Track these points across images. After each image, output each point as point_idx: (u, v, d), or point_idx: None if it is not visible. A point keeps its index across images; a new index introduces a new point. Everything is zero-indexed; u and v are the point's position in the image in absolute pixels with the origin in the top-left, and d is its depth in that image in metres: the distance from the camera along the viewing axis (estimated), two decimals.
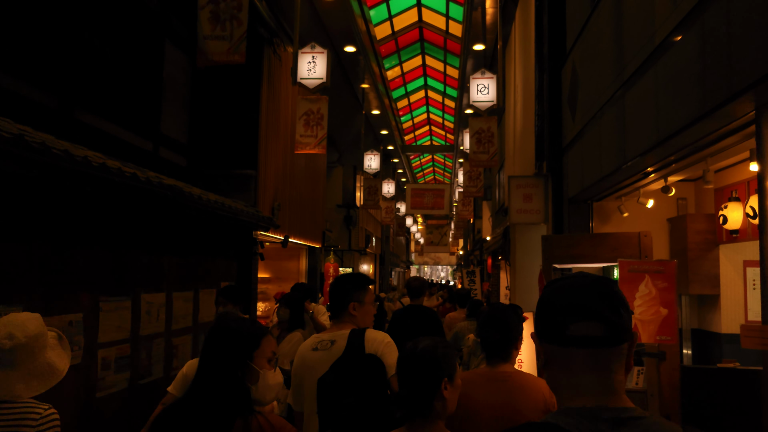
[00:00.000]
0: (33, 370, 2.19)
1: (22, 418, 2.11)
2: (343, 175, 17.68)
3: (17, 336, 2.14)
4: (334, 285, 2.85)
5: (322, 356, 2.59)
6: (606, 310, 1.17)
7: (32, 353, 2.18)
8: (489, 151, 9.25)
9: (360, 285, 2.82)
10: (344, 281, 2.84)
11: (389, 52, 15.66)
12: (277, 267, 12.07)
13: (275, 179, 8.76)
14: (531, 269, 10.30)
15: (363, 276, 2.97)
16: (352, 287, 2.80)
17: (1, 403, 2.13)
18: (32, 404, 2.17)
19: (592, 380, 1.17)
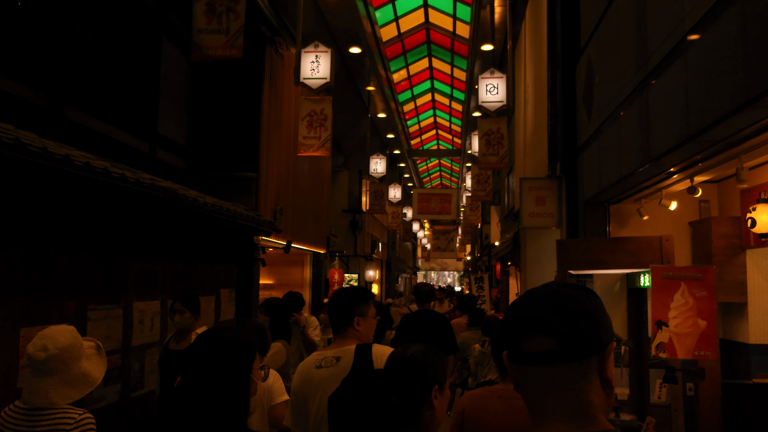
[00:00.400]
0: (67, 379, 2.33)
1: (57, 423, 2.27)
2: (349, 179, 17.40)
3: (50, 348, 2.28)
4: (336, 299, 2.73)
5: (329, 374, 2.47)
6: (558, 321, 1.05)
7: (66, 363, 2.33)
8: (498, 153, 8.94)
9: (363, 298, 2.72)
10: (347, 294, 2.73)
11: (395, 54, 15.40)
12: (280, 273, 11.79)
13: (277, 182, 8.48)
14: (542, 276, 9.98)
15: (365, 289, 2.88)
16: (355, 301, 2.68)
17: (38, 410, 2.29)
18: (68, 410, 2.33)
19: (555, 402, 1.06)
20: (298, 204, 9.82)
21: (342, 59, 12.20)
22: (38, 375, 2.31)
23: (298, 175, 9.80)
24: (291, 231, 9.14)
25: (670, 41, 3.66)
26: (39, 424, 2.28)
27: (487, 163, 8.97)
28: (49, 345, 2.30)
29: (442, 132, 24.52)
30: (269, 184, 8.09)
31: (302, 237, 10.08)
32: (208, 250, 6.53)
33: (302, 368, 2.61)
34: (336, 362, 2.49)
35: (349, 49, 11.74)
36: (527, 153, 8.89)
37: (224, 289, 6.97)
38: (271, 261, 11.87)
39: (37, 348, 2.30)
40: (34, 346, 2.31)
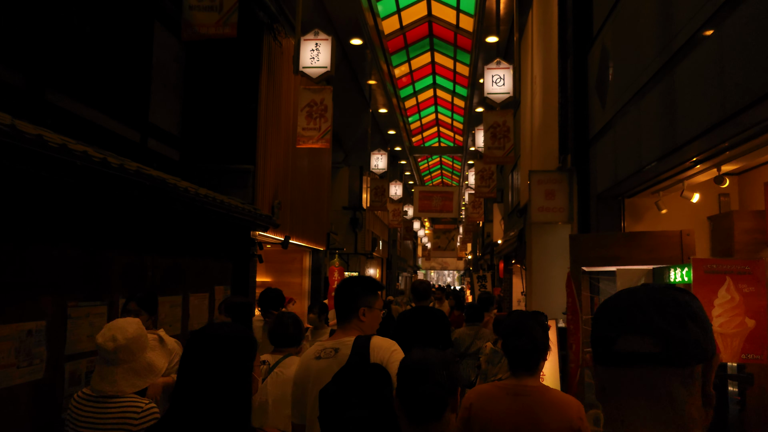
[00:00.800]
0: (134, 368, 2.41)
1: (126, 410, 2.35)
2: (349, 176, 17.10)
3: (119, 338, 2.37)
4: (342, 288, 2.63)
5: (326, 365, 2.41)
6: (663, 321, 0.97)
7: (132, 353, 2.41)
8: (505, 146, 8.63)
9: (372, 289, 2.63)
10: (354, 284, 2.62)
11: (397, 48, 15.09)
12: (278, 270, 11.49)
13: (276, 176, 8.17)
14: (549, 273, 9.66)
15: (374, 280, 2.73)
16: (363, 291, 2.59)
17: (107, 397, 2.38)
18: (135, 399, 2.41)
19: (647, 411, 0.96)
20: (297, 199, 9.51)
21: (343, 51, 11.89)
22: (107, 364, 2.39)
23: (298, 169, 9.49)
24: (289, 226, 8.83)
25: (701, 15, 3.34)
26: (108, 410, 2.37)
27: (493, 157, 8.66)
28: (118, 335, 2.40)
29: (444, 129, 24.21)
30: (267, 177, 7.78)
31: (301, 233, 9.78)
32: (202, 245, 6.22)
33: (303, 359, 2.55)
34: (335, 354, 2.42)
35: (350, 40, 11.43)
36: (534, 146, 8.58)
37: (219, 286, 6.66)
38: (269, 258, 11.56)
39: (106, 338, 2.38)
40: (103, 337, 2.39)
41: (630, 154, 4.88)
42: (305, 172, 10.12)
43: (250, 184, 7.35)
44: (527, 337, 2.43)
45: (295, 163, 9.29)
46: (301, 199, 9.73)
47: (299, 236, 9.62)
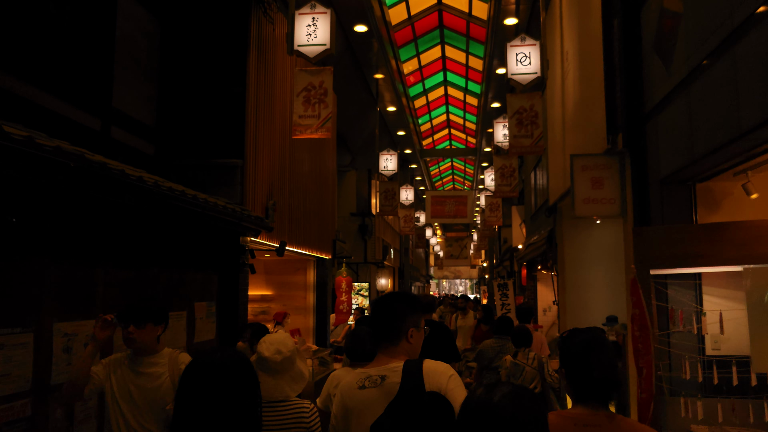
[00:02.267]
0: (293, 376, 2.71)
1: (297, 412, 2.68)
2: (357, 179, 16.02)
3: (283, 351, 2.67)
4: (385, 306, 2.32)
5: (373, 395, 2.16)
6: None
7: (292, 363, 2.71)
8: (533, 133, 7.50)
9: (418, 307, 2.36)
10: (399, 301, 2.33)
11: (405, 40, 14.02)
12: (280, 282, 10.39)
13: (270, 172, 7.08)
14: (585, 279, 8.49)
15: (414, 295, 2.60)
16: (410, 309, 2.31)
17: (278, 402, 2.66)
18: (300, 401, 2.73)
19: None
20: (298, 201, 8.41)
21: (346, 39, 10.84)
22: (273, 374, 2.65)
23: (297, 167, 8.40)
24: (288, 231, 7.73)
25: None
26: (284, 413, 2.66)
27: (520, 147, 7.54)
28: (282, 349, 2.67)
29: (456, 131, 23.10)
30: (259, 173, 6.69)
31: (302, 240, 8.67)
32: (177, 254, 5.12)
33: (343, 389, 2.30)
34: (381, 382, 2.18)
35: (354, 27, 10.37)
36: (568, 133, 7.46)
37: (200, 302, 5.56)
38: (270, 269, 10.47)
39: (271, 352, 2.65)
40: (269, 351, 2.64)
41: (716, 121, 3.74)
42: (306, 172, 9.03)
43: (238, 182, 6.26)
44: (600, 363, 2.05)
45: (294, 160, 8.20)
46: (302, 201, 8.63)
47: (300, 243, 8.52)
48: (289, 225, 7.89)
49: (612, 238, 8.44)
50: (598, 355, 2.05)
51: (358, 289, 14.65)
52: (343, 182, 15.77)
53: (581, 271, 8.50)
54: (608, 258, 8.46)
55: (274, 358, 2.65)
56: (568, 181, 7.53)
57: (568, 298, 8.56)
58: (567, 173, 7.55)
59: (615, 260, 8.48)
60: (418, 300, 2.39)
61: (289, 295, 10.35)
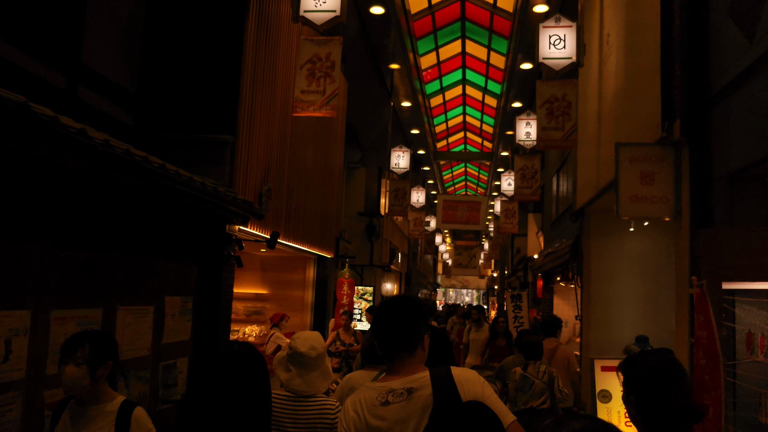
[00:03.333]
0: (323, 372, 2.76)
1: (323, 409, 2.68)
2: (366, 177, 15.22)
3: (317, 347, 2.72)
4: (394, 313, 2.07)
5: (402, 410, 1.97)
6: None
7: (323, 359, 2.77)
8: (564, 126, 6.67)
9: (425, 311, 2.16)
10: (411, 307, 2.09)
11: (424, 32, 13.22)
12: (277, 281, 9.60)
13: (266, 154, 6.28)
14: (614, 295, 7.63)
15: (417, 298, 2.32)
16: (421, 315, 2.11)
17: (304, 397, 2.68)
18: (326, 399, 2.74)
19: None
20: (299, 191, 7.62)
21: (360, 22, 10.05)
22: (307, 369, 2.68)
23: (299, 152, 7.60)
24: (284, 223, 6.93)
25: None
26: (309, 408, 2.67)
27: (548, 141, 6.70)
28: (317, 345, 2.72)
29: (472, 135, 22.26)
30: (253, 153, 5.90)
31: (302, 235, 7.87)
32: (147, 238, 4.32)
33: (361, 407, 2.04)
34: (408, 395, 1.99)
35: (370, 8, 9.58)
36: (605, 126, 6.62)
37: (173, 296, 4.75)
38: (266, 265, 9.68)
39: (307, 348, 2.68)
40: (304, 346, 2.68)
41: None
42: (310, 161, 8.24)
43: (228, 161, 5.46)
44: (684, 393, 1.83)
45: (296, 145, 7.40)
46: (303, 191, 7.84)
47: (299, 238, 7.72)
48: (286, 216, 7.09)
49: (645, 247, 7.58)
50: (676, 381, 1.85)
51: (361, 292, 13.82)
52: (351, 179, 14.98)
53: (609, 284, 7.65)
54: (640, 270, 7.59)
55: (309, 354, 2.69)
56: (601, 181, 6.68)
57: (594, 314, 7.70)
58: (601, 172, 6.70)
59: (647, 273, 7.61)
60: (422, 304, 2.19)
61: (285, 294, 9.55)
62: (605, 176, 6.52)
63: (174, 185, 3.79)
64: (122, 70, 5.32)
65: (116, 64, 5.22)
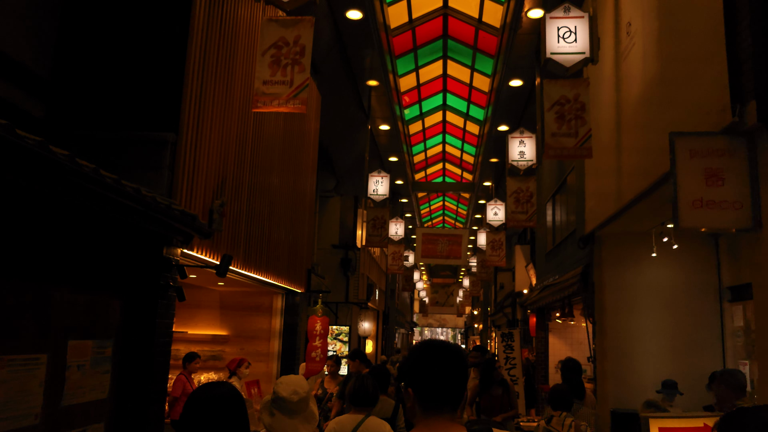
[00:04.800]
0: (306, 417, 2.77)
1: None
2: (341, 207, 14.06)
3: (300, 392, 2.76)
4: (445, 360, 1.74)
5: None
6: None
7: (306, 404, 2.79)
8: (577, 131, 5.64)
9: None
10: (460, 355, 1.78)
11: (404, 49, 12.32)
12: (239, 320, 8.31)
13: (220, 160, 5.11)
14: (634, 332, 6.53)
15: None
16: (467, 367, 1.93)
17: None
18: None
19: None
20: (263, 213, 6.43)
21: (335, 28, 9.05)
22: (289, 414, 2.72)
23: (264, 165, 6.44)
24: (243, 248, 5.72)
25: None
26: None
27: (559, 149, 5.66)
28: (299, 389, 2.74)
29: (451, 167, 21.36)
30: (202, 157, 4.72)
31: (267, 264, 6.65)
32: (38, 260, 3.09)
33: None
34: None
35: (346, 12, 8.58)
36: (628, 130, 5.60)
37: (80, 340, 3.48)
38: (226, 303, 8.39)
39: (288, 393, 2.70)
40: (286, 391, 2.71)
41: None
42: (277, 180, 7.08)
43: (167, 165, 4.27)
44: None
45: (259, 153, 6.25)
46: (267, 214, 6.65)
47: (263, 269, 6.50)
48: (246, 242, 5.88)
49: (671, 276, 6.53)
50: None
51: (336, 333, 12.50)
52: (325, 209, 13.81)
53: (627, 318, 6.55)
54: (664, 302, 6.52)
55: (290, 398, 2.71)
56: (623, 197, 5.64)
57: (610, 354, 6.57)
58: (622, 185, 5.67)
59: (674, 305, 6.52)
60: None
61: (249, 336, 8.24)
62: (628, 190, 5.47)
63: (83, 183, 2.59)
64: (29, 47, 4.15)
65: (20, 38, 4.05)
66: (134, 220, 3.46)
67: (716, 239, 6.50)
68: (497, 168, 16.18)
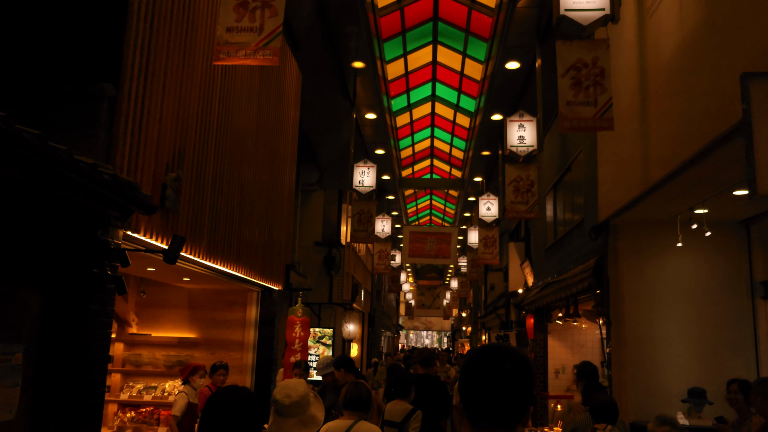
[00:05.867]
0: (304, 420, 2.76)
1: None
2: (325, 202, 13.21)
3: (292, 396, 2.74)
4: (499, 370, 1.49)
5: None
6: None
7: (302, 408, 2.76)
8: (596, 99, 4.87)
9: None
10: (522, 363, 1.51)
11: (392, 32, 11.53)
12: (209, 322, 7.43)
13: (177, 124, 4.25)
14: (656, 332, 5.77)
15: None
16: (533, 381, 1.57)
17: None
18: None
19: None
20: (230, 194, 5.58)
21: (318, 3, 8.22)
22: (282, 416, 2.72)
23: (234, 134, 5.58)
24: (208, 234, 4.87)
25: None
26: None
27: (575, 120, 4.89)
28: (291, 393, 2.74)
29: (439, 163, 20.60)
30: (152, 119, 3.86)
31: (237, 257, 5.80)
32: None
33: None
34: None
35: None
36: (655, 98, 4.85)
37: None
38: (196, 302, 7.51)
39: (282, 395, 2.73)
40: (280, 394, 2.73)
41: None
42: (251, 166, 6.23)
43: (104, 124, 3.41)
44: None
45: (227, 121, 5.39)
46: (237, 196, 5.80)
47: (233, 260, 5.64)
48: (212, 227, 5.02)
49: (697, 268, 5.78)
50: None
51: (319, 335, 11.64)
52: (308, 204, 12.96)
53: (648, 317, 5.80)
54: (689, 298, 5.77)
55: (282, 401, 2.74)
56: (650, 177, 4.88)
57: (628, 358, 5.79)
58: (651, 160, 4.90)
59: (701, 302, 5.78)
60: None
61: (220, 339, 7.37)
62: (657, 167, 4.70)
63: None
64: None
65: None
66: (55, 188, 2.60)
67: (747, 227, 5.77)
68: (488, 162, 15.44)
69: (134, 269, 5.46)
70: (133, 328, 7.39)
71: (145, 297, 7.46)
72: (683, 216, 5.38)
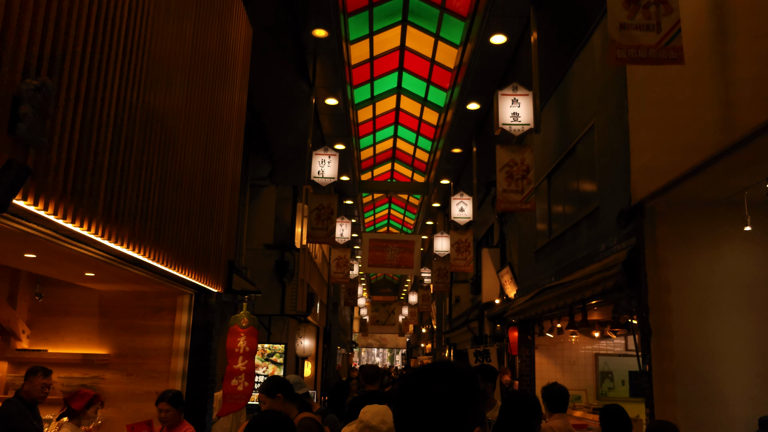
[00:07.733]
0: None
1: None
2: (277, 199, 11.60)
3: (388, 422, 2.83)
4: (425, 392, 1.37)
5: None
6: None
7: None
8: (659, 22, 3.57)
9: (479, 391, 1.67)
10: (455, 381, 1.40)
11: (358, 5, 10.15)
12: (125, 334, 5.78)
13: (42, 10, 2.66)
14: (713, 345, 4.46)
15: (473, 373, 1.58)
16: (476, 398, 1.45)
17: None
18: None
19: None
20: (147, 153, 4.00)
21: None
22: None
23: (155, 67, 4.01)
24: (110, 203, 3.27)
25: None
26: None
27: (632, 48, 3.62)
28: (387, 419, 2.84)
29: (401, 167, 19.28)
30: None
31: (156, 241, 4.20)
32: None
33: None
34: None
35: None
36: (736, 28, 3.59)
37: None
38: (108, 308, 5.84)
39: (377, 421, 2.83)
40: (375, 420, 2.84)
41: None
42: (191, 155, 4.66)
43: None
44: None
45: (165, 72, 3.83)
46: (157, 162, 4.22)
47: (149, 245, 4.04)
48: (110, 186, 3.43)
49: (761, 263, 4.51)
50: None
51: (269, 352, 9.99)
52: (257, 201, 11.34)
53: (703, 327, 4.47)
54: (752, 301, 4.49)
55: (380, 428, 2.80)
56: (720, 136, 3.57)
57: (677, 377, 4.44)
58: (724, 117, 3.59)
59: (766, 306, 4.52)
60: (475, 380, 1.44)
61: (139, 356, 5.70)
62: (741, 119, 3.40)
63: None
64: None
65: None
66: None
67: None
68: (458, 161, 14.16)
69: (2, 255, 3.81)
70: (23, 343, 5.66)
71: (42, 301, 5.75)
72: (751, 193, 4.11)
